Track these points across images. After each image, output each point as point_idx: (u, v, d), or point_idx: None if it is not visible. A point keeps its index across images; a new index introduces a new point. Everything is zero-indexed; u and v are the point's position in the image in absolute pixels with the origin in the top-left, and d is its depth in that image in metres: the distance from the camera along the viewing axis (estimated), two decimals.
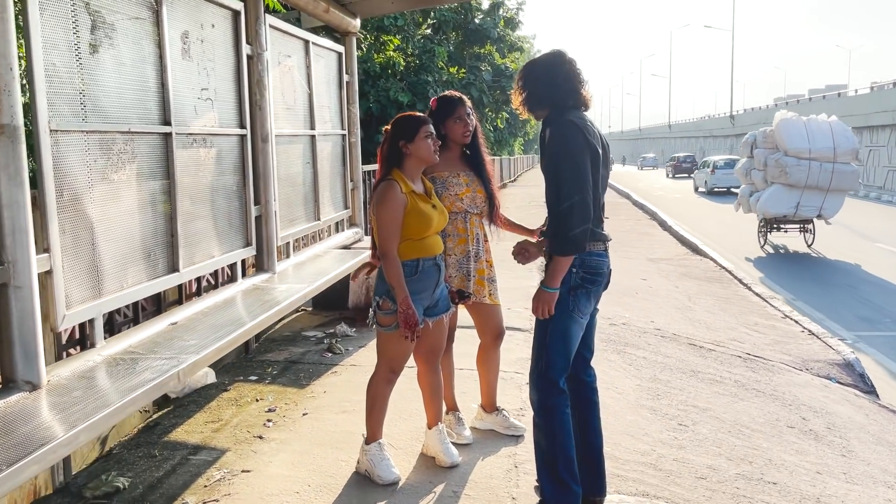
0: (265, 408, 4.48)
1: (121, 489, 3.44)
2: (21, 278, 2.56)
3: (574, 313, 3.05)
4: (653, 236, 16.09)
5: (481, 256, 3.78)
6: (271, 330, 6.38)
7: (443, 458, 3.61)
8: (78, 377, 2.81)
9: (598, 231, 3.06)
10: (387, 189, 3.26)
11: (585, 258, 3.02)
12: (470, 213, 3.75)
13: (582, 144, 2.92)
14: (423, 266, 3.33)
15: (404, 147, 3.31)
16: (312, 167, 5.76)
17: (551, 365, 3.02)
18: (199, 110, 3.97)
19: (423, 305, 3.37)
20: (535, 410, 3.10)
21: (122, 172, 3.25)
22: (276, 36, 5.06)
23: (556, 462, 2.97)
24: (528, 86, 3.13)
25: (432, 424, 3.68)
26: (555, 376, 3.02)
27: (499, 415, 4.03)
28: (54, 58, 2.81)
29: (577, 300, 3.04)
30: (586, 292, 3.06)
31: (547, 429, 3.01)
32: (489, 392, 4.02)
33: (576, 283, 3.02)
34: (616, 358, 5.91)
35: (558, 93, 3.05)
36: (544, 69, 3.12)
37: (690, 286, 10.10)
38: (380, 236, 3.28)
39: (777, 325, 8.22)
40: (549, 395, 3.02)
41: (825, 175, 13.34)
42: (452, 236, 3.73)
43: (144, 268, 3.46)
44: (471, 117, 3.73)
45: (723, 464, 4.11)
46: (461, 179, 3.72)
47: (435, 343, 3.54)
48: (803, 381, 6.31)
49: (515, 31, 23.85)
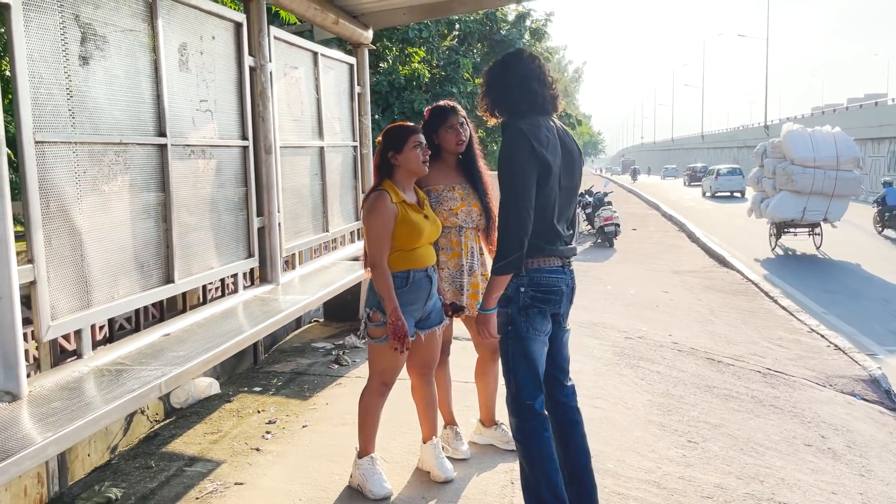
0: (266, 419, 4.45)
1: (113, 500, 3.44)
2: (1, 289, 2.56)
3: (529, 333, 2.86)
4: (680, 248, 15.86)
5: (476, 270, 3.71)
6: (281, 341, 6.38)
7: (437, 473, 3.54)
8: (60, 388, 2.81)
9: (553, 247, 2.86)
10: (376, 199, 3.22)
11: (535, 275, 2.84)
12: (465, 228, 3.69)
13: (526, 155, 2.72)
14: (414, 277, 3.28)
15: (393, 158, 3.28)
16: (321, 178, 5.75)
17: (520, 388, 2.88)
18: (198, 122, 3.98)
19: (414, 317, 3.32)
20: (513, 435, 2.98)
21: (114, 183, 3.26)
22: (281, 48, 5.07)
23: (538, 485, 2.85)
24: (488, 91, 2.96)
25: (427, 438, 3.61)
26: (526, 399, 2.88)
27: (498, 429, 3.95)
28: (41, 69, 2.83)
29: (529, 320, 2.85)
30: (540, 311, 2.87)
31: (526, 453, 2.88)
32: (488, 406, 3.95)
33: (525, 302, 2.84)
34: (628, 372, 5.78)
35: (513, 95, 2.86)
36: (501, 71, 2.93)
37: (714, 299, 9.90)
38: (370, 247, 3.25)
39: (802, 340, 8.00)
40: (523, 419, 2.89)
41: (829, 182, 14.32)
42: (445, 250, 3.66)
43: (137, 279, 3.46)
44: (464, 126, 3.65)
45: (731, 482, 3.98)
46: (456, 193, 3.65)
47: (428, 356, 3.48)
48: (825, 397, 6.11)
49: (542, 42, 23.78)
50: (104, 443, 3.94)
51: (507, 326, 2.88)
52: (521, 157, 2.73)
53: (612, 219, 15.58)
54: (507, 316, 2.88)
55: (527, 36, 21.54)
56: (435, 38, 17.85)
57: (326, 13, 5.59)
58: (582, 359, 5.97)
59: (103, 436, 3.93)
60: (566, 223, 2.95)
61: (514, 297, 2.85)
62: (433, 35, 17.54)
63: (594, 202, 17.46)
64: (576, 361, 5.71)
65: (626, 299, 9.30)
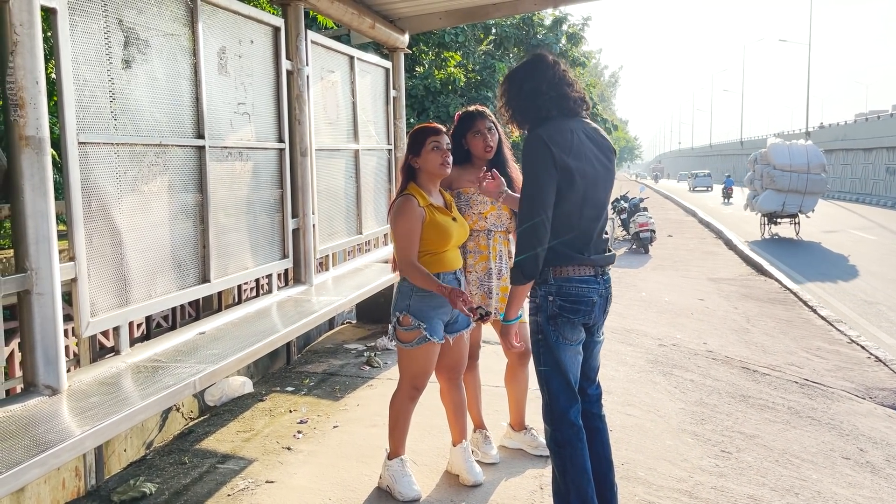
0: (297, 419, 4.50)
1: (147, 494, 3.51)
2: (43, 285, 2.63)
3: (559, 342, 2.80)
4: (717, 255, 15.64)
5: (504, 273, 3.70)
6: (314, 342, 6.44)
7: (466, 477, 3.55)
8: (99, 383, 2.87)
9: (582, 255, 2.79)
10: (403, 203, 3.24)
11: (563, 284, 2.78)
12: (494, 231, 3.69)
13: (543, 164, 2.66)
14: (444, 280, 3.29)
15: (413, 161, 3.29)
16: (356, 181, 5.79)
17: (554, 397, 2.84)
18: (236, 124, 4.04)
19: (443, 321, 3.32)
20: (546, 443, 2.97)
21: (153, 184, 3.33)
22: (318, 52, 5.13)
23: (568, 494, 2.82)
24: (511, 101, 2.86)
25: (457, 442, 3.62)
26: (562, 409, 2.83)
27: (527, 434, 3.94)
28: (85, 72, 2.90)
29: (559, 329, 2.80)
30: (569, 321, 2.80)
31: (559, 462, 2.85)
32: (518, 410, 3.94)
33: (553, 311, 2.79)
34: (661, 380, 5.72)
35: (540, 102, 2.78)
36: (526, 78, 2.84)
37: (750, 307, 9.74)
38: (399, 250, 3.26)
39: (841, 351, 7.83)
40: (557, 428, 2.85)
41: (801, 182, 19.07)
42: (474, 253, 3.67)
43: (174, 278, 3.52)
44: (492, 131, 3.63)
45: (766, 494, 3.91)
46: (487, 197, 3.65)
47: (456, 359, 3.49)
48: (865, 409, 5.97)
49: (579, 47, 23.66)
50: (139, 438, 4.02)
51: (538, 335, 2.84)
52: (538, 167, 2.67)
53: (647, 225, 15.43)
54: (537, 325, 2.84)
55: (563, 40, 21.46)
56: (471, 43, 17.87)
57: (363, 18, 5.64)
58: (615, 365, 5.92)
59: (139, 431, 4.01)
60: (599, 228, 2.86)
61: (543, 305, 2.80)
62: (469, 39, 17.57)
63: (629, 208, 17.30)
64: (608, 368, 5.70)
65: (660, 306, 9.19)
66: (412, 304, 3.26)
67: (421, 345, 3.26)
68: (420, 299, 3.25)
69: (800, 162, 19.21)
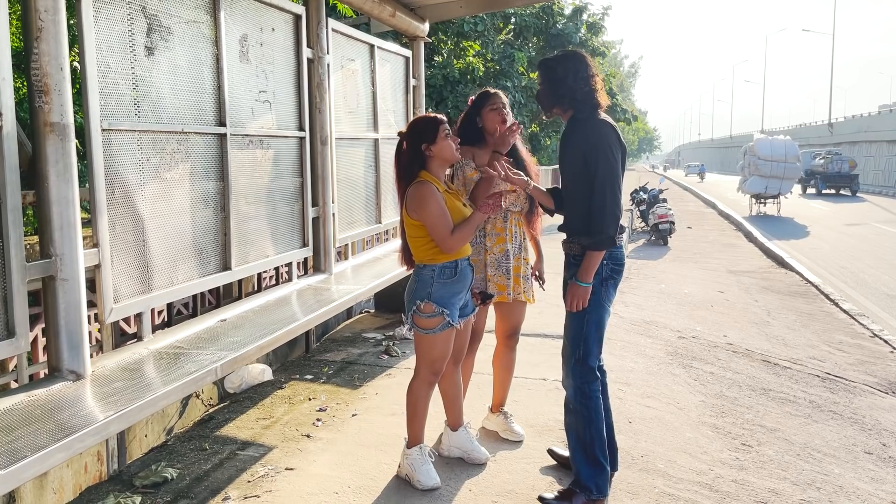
0: (316, 407, 4.52)
1: (168, 479, 3.54)
2: (68, 271, 2.65)
3: (605, 303, 3.24)
4: (737, 247, 15.48)
5: (518, 253, 3.79)
6: (333, 330, 6.46)
7: (475, 456, 3.65)
8: (122, 369, 2.89)
9: (623, 227, 3.26)
10: (424, 189, 3.20)
11: (614, 251, 3.21)
12: (511, 212, 3.74)
13: (615, 145, 3.09)
14: (461, 266, 3.30)
15: (427, 149, 3.26)
16: (375, 170, 5.79)
17: (589, 353, 3.20)
18: (257, 112, 4.04)
19: (457, 307, 3.32)
20: (571, 396, 3.26)
21: (175, 171, 3.34)
22: (339, 40, 5.11)
23: (592, 443, 3.17)
24: (561, 84, 3.20)
25: (458, 426, 3.65)
26: (592, 363, 3.22)
27: (501, 416, 3.97)
28: (108, 59, 2.91)
29: (607, 291, 3.23)
30: (614, 283, 3.26)
31: (585, 412, 3.18)
32: (501, 392, 4.01)
33: (606, 274, 3.21)
34: (681, 372, 5.68)
35: (585, 91, 3.16)
36: (581, 66, 3.20)
37: (771, 300, 9.64)
38: (438, 230, 3.19)
39: (864, 345, 7.73)
40: (586, 380, 3.20)
41: (779, 169, 22.96)
42: (491, 235, 3.73)
43: (196, 265, 3.54)
44: (506, 110, 3.71)
45: (787, 488, 3.87)
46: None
47: (462, 344, 3.55)
48: (888, 404, 5.89)
49: (599, 36, 23.48)
50: (160, 424, 4.06)
51: (591, 296, 3.17)
52: (613, 146, 3.08)
53: (666, 216, 15.28)
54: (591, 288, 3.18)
55: (583, 30, 21.30)
56: (490, 32, 17.78)
57: (384, 6, 5.62)
58: (634, 357, 5.89)
59: (159, 417, 4.04)
60: None
61: (599, 269, 3.18)
62: (488, 28, 17.48)
63: (648, 199, 17.11)
64: (627, 360, 5.67)
65: (679, 298, 9.12)
66: (434, 291, 3.26)
67: (444, 331, 3.27)
68: (441, 286, 3.25)
69: (779, 153, 23.35)
